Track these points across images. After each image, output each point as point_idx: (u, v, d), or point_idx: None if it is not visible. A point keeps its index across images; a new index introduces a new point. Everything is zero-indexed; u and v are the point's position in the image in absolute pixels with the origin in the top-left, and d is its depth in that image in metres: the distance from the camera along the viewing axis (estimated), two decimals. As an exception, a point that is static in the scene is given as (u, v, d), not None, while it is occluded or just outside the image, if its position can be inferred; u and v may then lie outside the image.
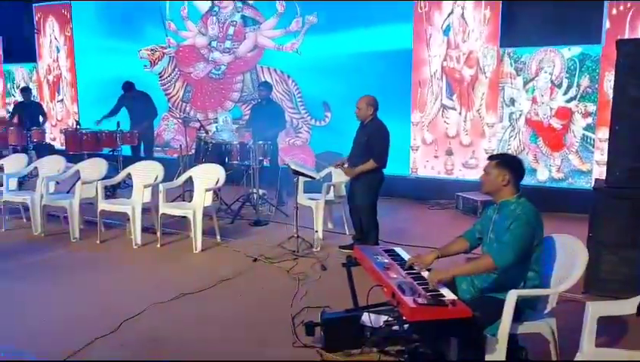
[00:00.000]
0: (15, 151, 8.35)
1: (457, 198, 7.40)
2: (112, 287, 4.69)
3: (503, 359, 2.83)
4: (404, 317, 2.69)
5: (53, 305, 4.30)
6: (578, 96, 6.98)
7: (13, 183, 6.69)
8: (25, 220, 6.63)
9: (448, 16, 7.60)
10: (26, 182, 7.39)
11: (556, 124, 7.14)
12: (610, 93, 4.89)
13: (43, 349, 3.51)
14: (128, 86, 8.62)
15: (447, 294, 2.82)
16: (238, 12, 9.19)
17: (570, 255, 3.08)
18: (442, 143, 7.86)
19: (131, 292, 4.53)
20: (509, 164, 3.10)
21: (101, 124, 8.41)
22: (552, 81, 7.11)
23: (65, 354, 3.40)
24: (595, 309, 2.70)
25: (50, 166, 6.65)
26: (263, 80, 8.75)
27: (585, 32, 6.80)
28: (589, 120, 6.94)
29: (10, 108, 11.19)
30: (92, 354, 3.45)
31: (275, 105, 7.79)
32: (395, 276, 3.00)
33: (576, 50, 6.94)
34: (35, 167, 6.76)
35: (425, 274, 3.10)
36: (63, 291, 4.59)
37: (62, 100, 11.43)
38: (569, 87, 7.02)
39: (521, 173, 3.11)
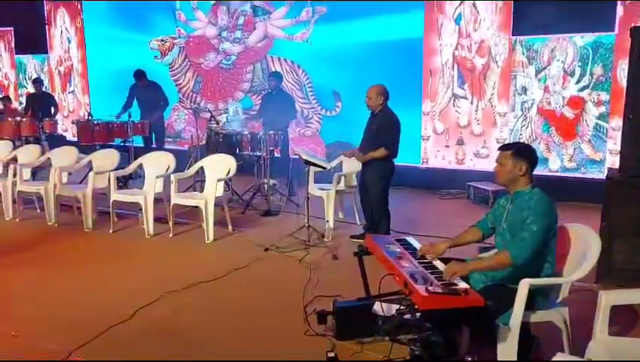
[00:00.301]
0: (28, 142, 8.42)
1: (468, 188, 7.39)
2: (125, 276, 4.75)
3: (515, 348, 2.83)
4: (416, 306, 2.69)
5: (67, 294, 4.34)
6: (591, 84, 6.91)
7: (26, 174, 6.77)
8: (39, 210, 6.70)
9: (459, 4, 7.54)
10: (39, 172, 7.45)
11: (569, 113, 7.08)
12: (624, 81, 4.85)
13: (57, 338, 3.55)
14: (140, 74, 8.62)
15: (460, 283, 2.83)
16: (248, 2, 9.16)
17: (583, 244, 3.06)
18: (453, 133, 7.83)
19: (144, 281, 4.57)
20: (524, 153, 3.06)
21: (120, 117, 8.41)
22: (564, 70, 7.04)
23: (79, 342, 3.44)
24: (608, 298, 2.69)
25: (63, 156, 6.71)
26: (273, 70, 8.73)
27: (598, 20, 6.72)
28: (602, 109, 6.88)
29: (22, 99, 11.27)
30: (106, 343, 3.50)
31: (286, 95, 7.79)
32: (407, 265, 3.01)
33: (589, 38, 6.87)
34: (48, 158, 6.82)
35: (437, 263, 3.10)
36: (76, 280, 4.64)
37: (73, 91, 11.48)
38: (582, 76, 6.95)
39: (535, 162, 3.09)
